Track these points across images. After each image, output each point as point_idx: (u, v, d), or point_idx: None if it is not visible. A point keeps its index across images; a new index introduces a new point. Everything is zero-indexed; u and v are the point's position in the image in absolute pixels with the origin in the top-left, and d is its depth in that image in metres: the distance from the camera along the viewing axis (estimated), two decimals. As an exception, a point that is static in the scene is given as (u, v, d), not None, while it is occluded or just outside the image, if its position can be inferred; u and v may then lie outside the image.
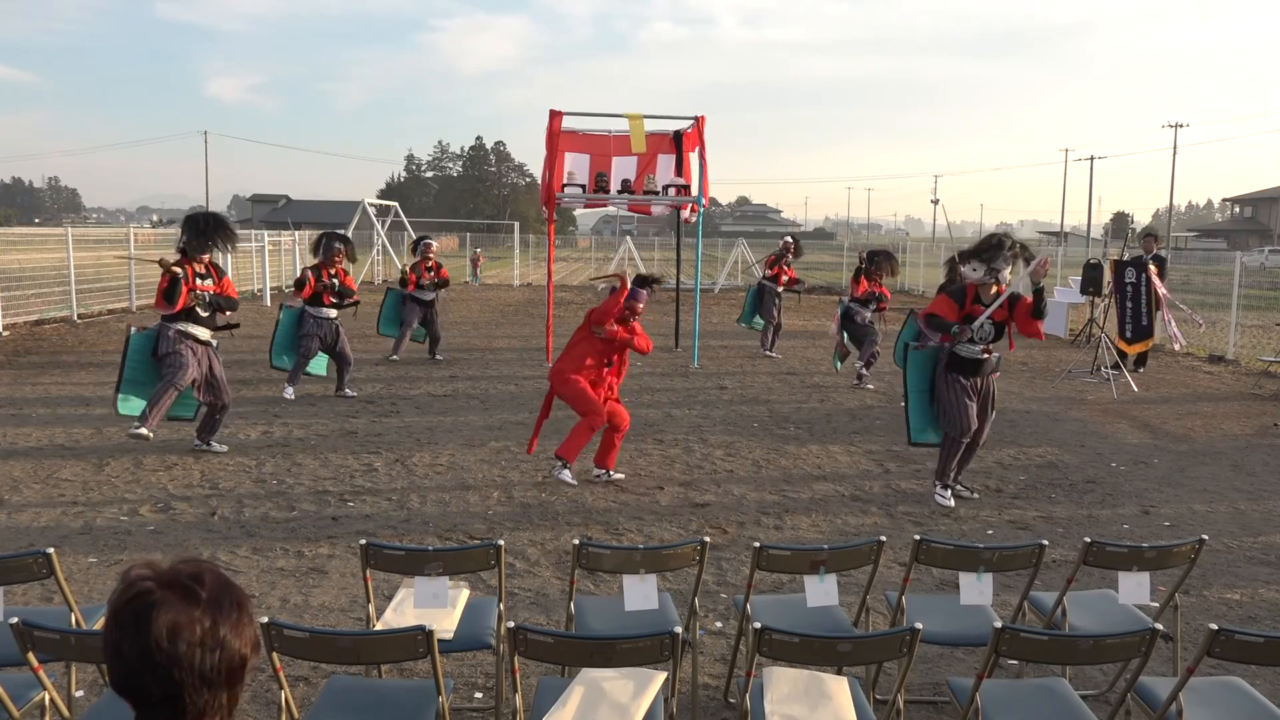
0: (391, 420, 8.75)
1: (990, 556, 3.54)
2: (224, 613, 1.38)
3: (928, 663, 4.13)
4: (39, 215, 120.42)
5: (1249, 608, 4.89)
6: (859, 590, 3.97)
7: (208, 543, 5.46)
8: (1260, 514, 6.49)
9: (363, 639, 2.79)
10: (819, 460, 7.64)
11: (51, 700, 2.90)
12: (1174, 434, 8.94)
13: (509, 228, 40.50)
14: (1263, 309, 19.11)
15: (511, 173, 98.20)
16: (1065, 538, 5.85)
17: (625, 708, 2.82)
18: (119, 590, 1.39)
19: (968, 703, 2.96)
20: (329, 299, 9.65)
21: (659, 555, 3.52)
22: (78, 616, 3.37)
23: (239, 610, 1.41)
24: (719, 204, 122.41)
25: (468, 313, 19.56)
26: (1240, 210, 76.84)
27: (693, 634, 3.58)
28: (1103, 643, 2.87)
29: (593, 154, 12.69)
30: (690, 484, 6.87)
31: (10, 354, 12.20)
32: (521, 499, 6.41)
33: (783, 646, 2.77)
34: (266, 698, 3.63)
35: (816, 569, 3.43)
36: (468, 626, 3.45)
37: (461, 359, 12.82)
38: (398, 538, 5.59)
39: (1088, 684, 3.96)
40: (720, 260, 34.17)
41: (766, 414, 9.43)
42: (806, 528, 5.98)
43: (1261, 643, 2.76)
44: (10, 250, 17.79)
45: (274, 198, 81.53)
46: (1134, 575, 3.56)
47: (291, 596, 4.73)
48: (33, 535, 5.48)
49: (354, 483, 6.69)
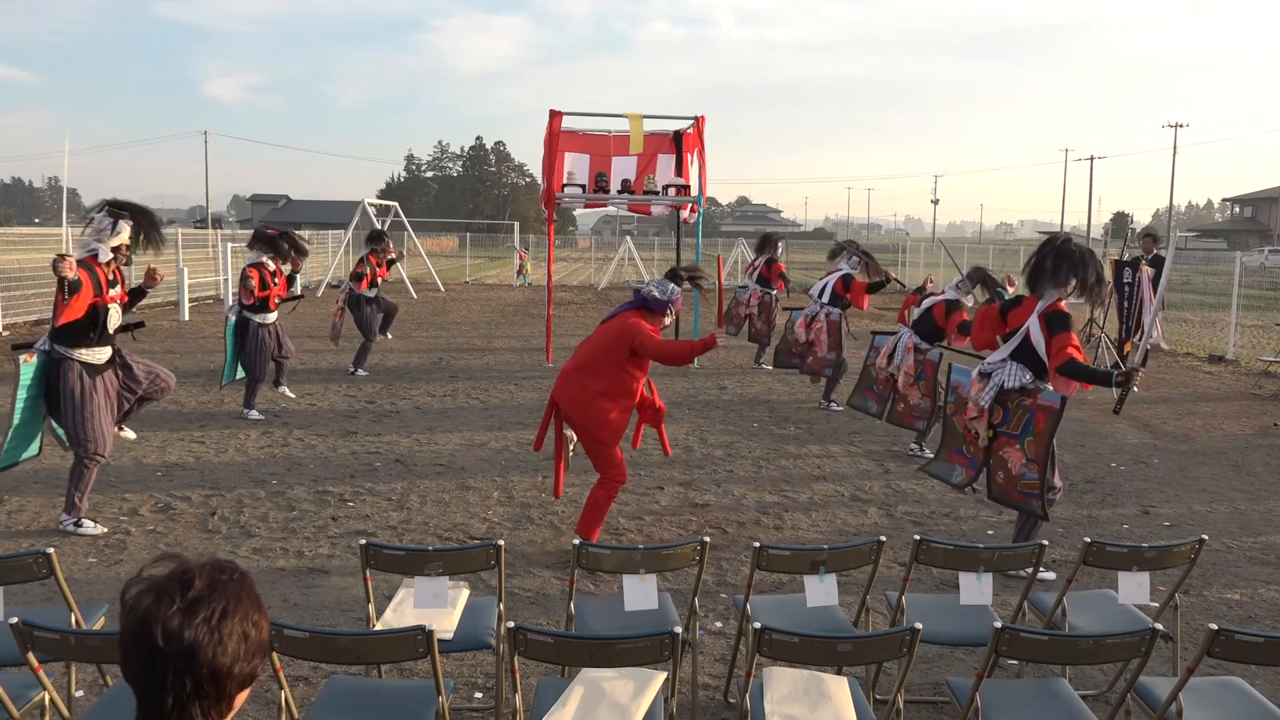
0: (391, 420, 8.75)
1: (990, 556, 3.54)
2: (215, 618, 1.37)
3: (928, 663, 4.13)
4: (39, 215, 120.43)
5: (1249, 608, 4.89)
6: (859, 590, 3.97)
7: (208, 543, 5.46)
8: (1260, 514, 6.49)
9: (363, 639, 2.79)
10: (819, 460, 7.64)
11: (51, 700, 2.90)
12: (1174, 434, 8.94)
13: (509, 228, 40.50)
14: (1263, 309, 19.10)
15: (511, 173, 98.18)
16: (1065, 538, 5.85)
17: (625, 708, 2.82)
18: (122, 603, 1.39)
19: (968, 703, 2.96)
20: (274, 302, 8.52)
21: (659, 555, 3.52)
22: (78, 616, 3.37)
23: (224, 616, 1.37)
24: (719, 204, 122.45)
25: (468, 313, 19.56)
26: (1240, 210, 76.81)
27: (693, 634, 3.58)
28: (1103, 643, 2.87)
29: (593, 154, 12.69)
30: (690, 484, 6.87)
31: (10, 354, 12.19)
32: (521, 499, 6.41)
33: (783, 646, 2.77)
34: (266, 698, 3.63)
35: (816, 569, 3.43)
36: (468, 626, 3.45)
37: (461, 359, 12.82)
38: (398, 538, 5.59)
39: (1088, 684, 3.96)
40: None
41: (766, 414, 9.43)
42: (806, 528, 5.98)
43: (1261, 643, 2.76)
44: (10, 250, 17.77)
45: (274, 198, 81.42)
46: (1134, 575, 3.56)
47: (291, 596, 4.73)
48: (33, 535, 5.48)
49: (354, 483, 6.69)
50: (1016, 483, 4.96)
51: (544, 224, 15.06)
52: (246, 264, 8.53)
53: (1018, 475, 4.95)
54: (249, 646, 1.40)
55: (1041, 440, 4.86)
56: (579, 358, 5.22)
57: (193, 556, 1.44)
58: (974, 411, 5.12)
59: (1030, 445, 4.91)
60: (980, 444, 5.16)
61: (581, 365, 5.15)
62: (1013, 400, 5.01)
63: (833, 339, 9.47)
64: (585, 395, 5.07)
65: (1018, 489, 4.96)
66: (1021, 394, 4.99)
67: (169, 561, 1.41)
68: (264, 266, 8.43)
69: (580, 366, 5.15)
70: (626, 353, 5.06)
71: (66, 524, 5.50)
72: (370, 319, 11.07)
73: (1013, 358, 5.06)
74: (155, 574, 1.39)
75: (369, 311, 11.04)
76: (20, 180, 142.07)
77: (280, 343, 8.75)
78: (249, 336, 8.41)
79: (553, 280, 14.49)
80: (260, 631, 1.42)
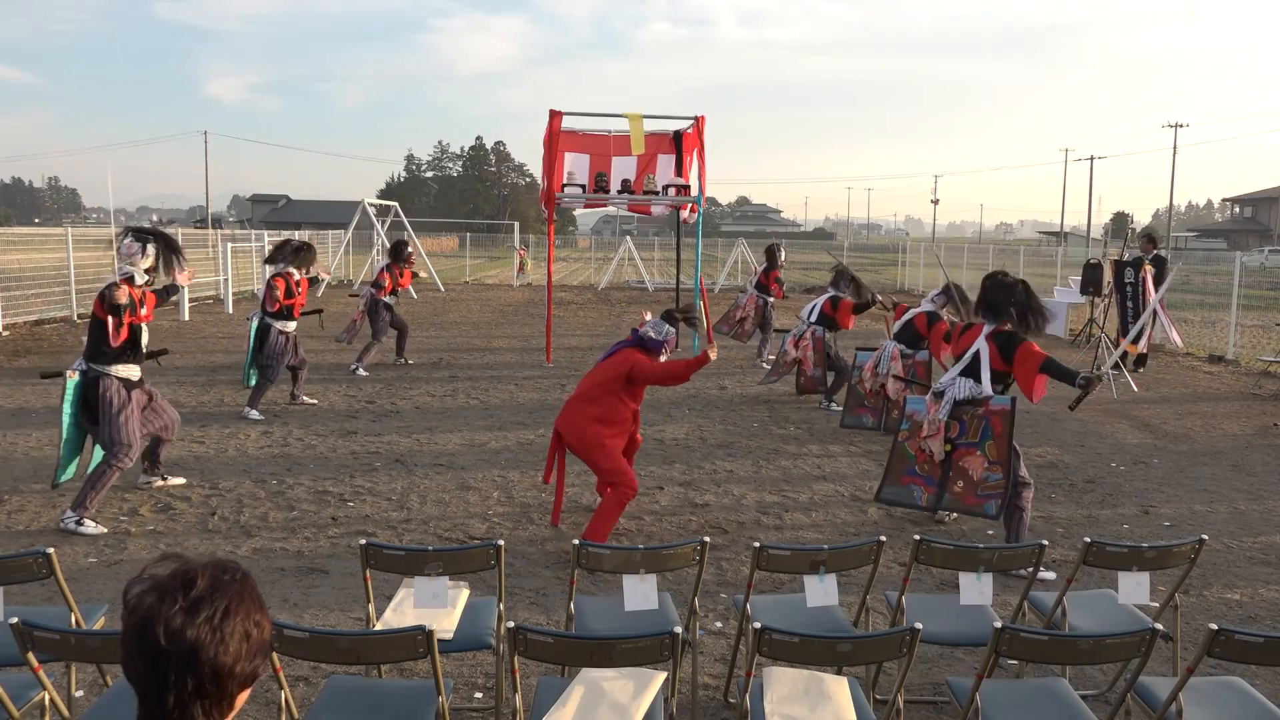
0: (391, 420, 8.75)
1: (990, 556, 3.54)
2: (217, 617, 1.36)
3: (928, 663, 4.13)
4: (39, 215, 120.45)
5: (1249, 608, 4.90)
6: (859, 590, 3.97)
7: (208, 542, 5.46)
8: (1260, 514, 6.49)
9: (363, 639, 2.79)
10: (819, 460, 7.64)
11: (51, 700, 2.90)
12: (1174, 434, 8.94)
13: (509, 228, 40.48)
14: (1263, 309, 19.11)
15: (511, 173, 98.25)
16: (1065, 538, 5.85)
17: (625, 708, 2.82)
18: (124, 602, 1.39)
19: (967, 703, 2.96)
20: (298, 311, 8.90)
21: (659, 555, 3.52)
22: (78, 616, 3.37)
23: (227, 616, 1.37)
24: (719, 204, 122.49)
25: (468, 313, 19.56)
26: (1240, 210, 76.83)
27: (693, 634, 3.58)
28: (1103, 643, 2.87)
29: (593, 154, 12.69)
30: (690, 484, 6.87)
31: (10, 354, 12.20)
32: (521, 499, 6.41)
33: (783, 646, 2.77)
34: (266, 698, 3.63)
35: (816, 569, 3.43)
36: (468, 626, 3.45)
37: (461, 359, 12.82)
38: (398, 538, 5.59)
39: (1088, 684, 3.96)
40: (720, 260, 34.18)
41: (766, 414, 9.43)
42: (806, 528, 5.98)
43: (1261, 643, 2.76)
44: (10, 250, 17.76)
45: (274, 198, 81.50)
46: (1134, 575, 3.56)
47: (291, 596, 4.73)
48: (33, 535, 5.48)
49: (354, 483, 6.69)
50: (977, 487, 5.28)
51: (544, 224, 15.06)
52: (272, 273, 9.03)
53: (980, 479, 5.27)
54: (250, 646, 1.40)
55: (1002, 442, 5.22)
56: (579, 389, 5.69)
57: (195, 556, 1.44)
58: (929, 430, 5.42)
59: (991, 449, 5.25)
60: (936, 459, 5.42)
61: (581, 395, 5.62)
62: (966, 412, 5.35)
63: (818, 355, 9.80)
64: (582, 421, 5.50)
65: (977, 493, 5.28)
66: (973, 405, 5.33)
67: (171, 561, 1.41)
68: (289, 276, 8.85)
69: (580, 396, 5.62)
70: (623, 381, 5.54)
71: (69, 521, 5.53)
72: (383, 324, 11.53)
73: (962, 375, 5.42)
74: (157, 573, 1.39)
75: (384, 317, 11.51)
76: (20, 180, 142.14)
77: (296, 350, 9.07)
78: (268, 341, 8.77)
79: (553, 280, 14.49)
80: (262, 631, 1.42)
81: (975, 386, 5.35)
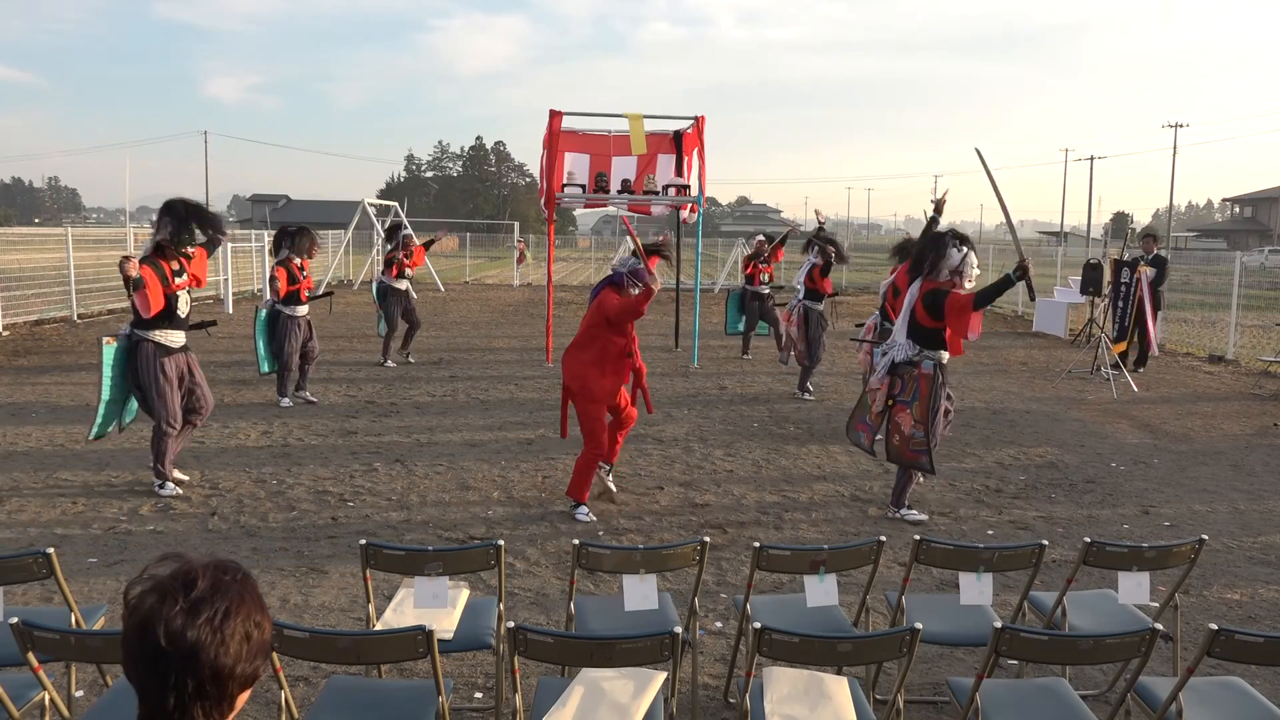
0: (391, 420, 8.75)
1: (990, 556, 3.54)
2: (218, 618, 1.36)
3: (928, 663, 4.13)
4: (39, 215, 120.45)
5: (1249, 608, 4.90)
6: (859, 590, 3.97)
7: (208, 543, 5.46)
8: (1260, 514, 6.49)
9: (363, 639, 2.79)
10: (819, 460, 7.64)
11: (51, 700, 2.90)
12: (1174, 434, 8.94)
13: (509, 228, 40.50)
14: (1263, 309, 19.11)
15: (511, 173, 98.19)
16: (1065, 538, 5.85)
17: (625, 708, 2.82)
18: (125, 603, 1.39)
19: (967, 703, 2.96)
20: (304, 294, 9.15)
21: (659, 555, 3.52)
22: (78, 616, 3.37)
23: (227, 617, 1.37)
24: (719, 204, 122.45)
25: (468, 313, 19.57)
26: (1240, 210, 76.81)
27: (693, 634, 3.58)
28: (1103, 643, 2.87)
29: (593, 154, 12.69)
30: (690, 484, 6.87)
31: (10, 354, 12.20)
32: (521, 499, 6.41)
33: (783, 646, 2.77)
34: (266, 698, 3.63)
35: (816, 569, 3.43)
36: (468, 626, 3.45)
37: (461, 359, 12.82)
38: (398, 538, 5.59)
39: (1088, 684, 3.96)
40: (720, 260, 34.19)
41: (766, 414, 9.43)
42: (806, 528, 5.98)
43: (1261, 643, 2.76)
44: (10, 250, 17.77)
45: (274, 198, 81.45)
46: (1134, 575, 3.56)
47: (291, 596, 4.73)
48: (33, 535, 5.48)
49: (354, 483, 6.69)
50: (909, 442, 5.86)
51: (544, 224, 15.06)
52: (274, 264, 9.20)
53: (909, 435, 5.86)
54: (251, 647, 1.40)
55: (924, 403, 5.78)
56: (575, 338, 6.09)
57: (195, 556, 1.44)
58: (875, 384, 6.06)
59: (917, 408, 5.82)
60: (875, 409, 6.05)
61: (576, 343, 6.05)
62: (905, 372, 5.90)
63: (800, 330, 10.16)
64: (579, 367, 5.93)
65: (910, 448, 5.87)
66: (910, 365, 5.88)
67: (172, 561, 1.41)
68: (290, 262, 9.04)
69: (575, 344, 6.05)
70: (605, 323, 5.88)
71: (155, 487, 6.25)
72: (394, 313, 11.82)
73: (908, 337, 5.91)
74: (158, 574, 1.39)
75: (394, 303, 11.81)
76: (20, 180, 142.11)
77: (311, 333, 9.33)
78: (279, 326, 9.06)
79: (553, 280, 14.49)
80: (262, 632, 1.42)
81: (914, 349, 5.86)
